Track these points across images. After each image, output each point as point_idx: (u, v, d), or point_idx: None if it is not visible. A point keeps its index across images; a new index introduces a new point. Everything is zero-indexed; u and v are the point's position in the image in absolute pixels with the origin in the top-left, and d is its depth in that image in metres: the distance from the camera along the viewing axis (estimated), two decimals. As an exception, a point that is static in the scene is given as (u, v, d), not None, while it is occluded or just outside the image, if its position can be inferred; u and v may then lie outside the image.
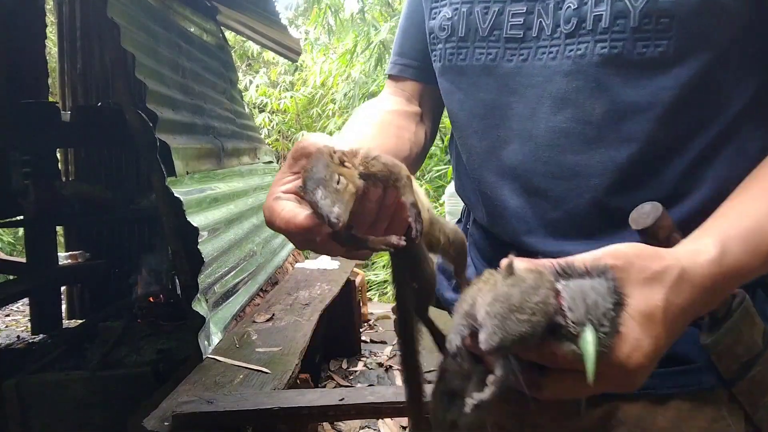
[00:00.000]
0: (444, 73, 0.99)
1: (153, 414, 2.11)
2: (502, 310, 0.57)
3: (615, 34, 0.79)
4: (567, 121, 0.84)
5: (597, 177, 0.83)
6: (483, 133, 0.94)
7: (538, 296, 0.57)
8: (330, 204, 0.64)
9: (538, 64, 0.86)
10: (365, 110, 1.11)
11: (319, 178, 0.66)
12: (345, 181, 0.66)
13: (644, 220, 0.72)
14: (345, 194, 0.66)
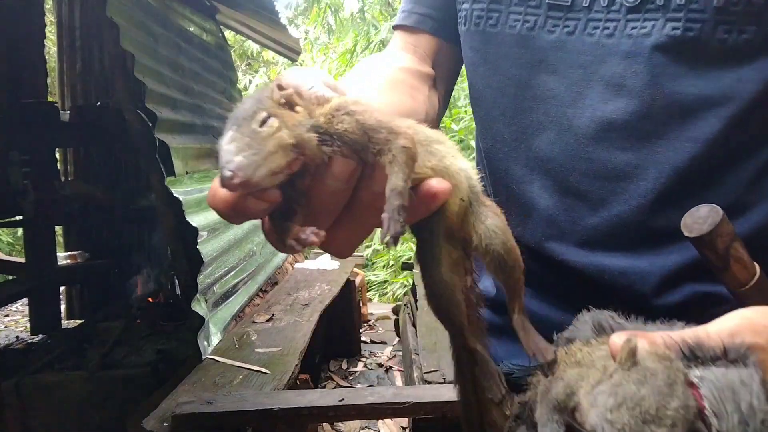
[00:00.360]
0: (469, 39, 0.83)
1: (152, 414, 2.10)
2: (633, 420, 0.43)
3: (692, 13, 0.66)
4: (618, 112, 0.70)
5: (649, 180, 0.70)
6: (512, 117, 0.79)
7: (676, 399, 0.43)
8: (233, 151, 0.46)
9: (589, 40, 0.72)
10: (370, 64, 0.92)
11: (237, 117, 0.49)
12: (276, 126, 0.48)
13: (700, 226, 0.59)
14: (268, 142, 0.47)
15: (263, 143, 0.47)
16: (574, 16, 0.73)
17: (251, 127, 0.47)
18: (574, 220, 0.75)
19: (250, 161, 0.46)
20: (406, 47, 0.94)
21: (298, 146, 0.48)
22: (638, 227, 0.71)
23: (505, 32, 0.78)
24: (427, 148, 0.56)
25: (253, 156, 0.46)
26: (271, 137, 0.47)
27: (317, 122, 0.50)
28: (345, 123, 0.49)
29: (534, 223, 0.78)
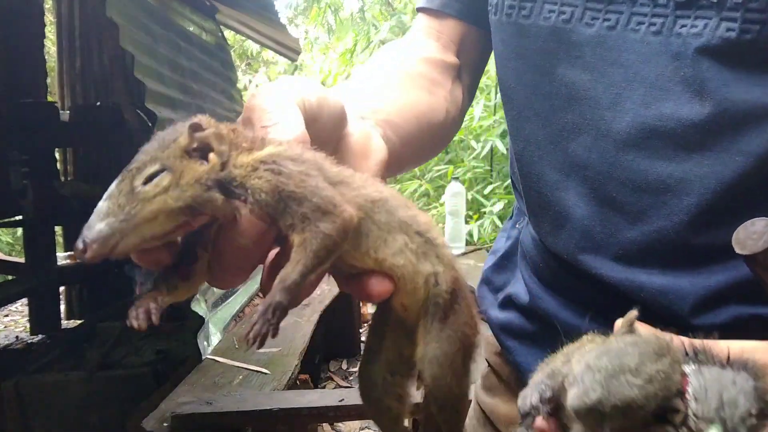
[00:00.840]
0: (500, 31, 0.77)
1: (152, 415, 2.10)
2: (611, 366, 0.45)
3: (751, 13, 0.59)
4: (663, 119, 0.64)
5: (693, 195, 0.63)
6: (546, 118, 0.73)
7: (660, 364, 0.45)
8: (100, 214, 0.41)
9: (632, 37, 0.65)
10: (389, 54, 0.86)
11: (127, 165, 0.43)
12: (164, 184, 0.42)
13: (754, 242, 0.53)
14: (145, 207, 0.41)
15: (139, 207, 0.41)
16: (616, 9, 0.66)
17: (132, 183, 0.42)
18: (610, 232, 0.69)
19: (112, 230, 0.40)
20: (429, 32, 0.87)
21: (193, 207, 0.42)
22: (679, 244, 0.65)
23: (538, 24, 0.71)
24: (387, 234, 0.47)
25: (120, 223, 0.40)
26: (150, 200, 0.41)
27: (229, 175, 0.43)
28: (262, 181, 0.42)
29: (568, 233, 0.72)
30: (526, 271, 0.83)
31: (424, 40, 0.87)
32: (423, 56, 0.83)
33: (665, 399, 0.44)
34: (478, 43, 0.88)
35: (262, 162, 0.43)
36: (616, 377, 0.44)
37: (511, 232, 0.95)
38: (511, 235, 0.94)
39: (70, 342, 3.84)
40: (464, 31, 0.87)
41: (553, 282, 0.78)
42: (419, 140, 0.78)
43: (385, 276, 0.47)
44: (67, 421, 3.19)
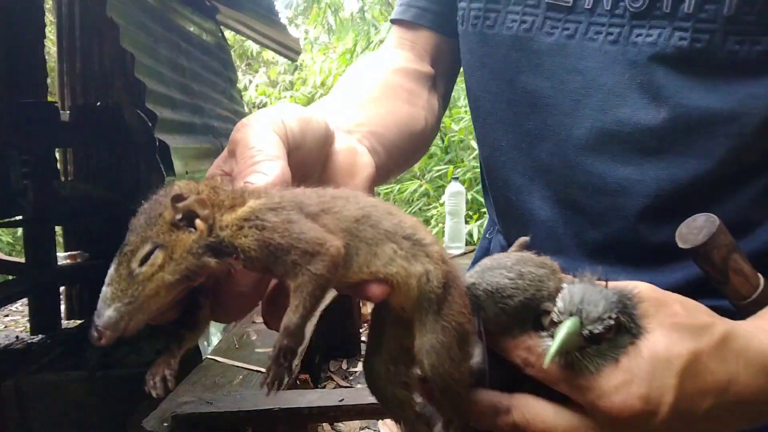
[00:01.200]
0: (467, 41, 0.79)
1: (152, 414, 2.10)
2: (491, 263, 0.53)
3: (701, 23, 0.62)
4: (620, 124, 0.66)
5: (649, 197, 0.66)
6: (510, 125, 0.75)
7: (535, 271, 0.52)
8: (107, 300, 0.44)
9: (591, 45, 0.68)
10: (364, 67, 0.88)
11: (120, 248, 0.45)
12: (159, 262, 0.43)
13: (694, 237, 0.57)
14: (145, 286, 0.43)
15: (140, 288, 0.43)
16: (575, 19, 0.68)
17: (130, 267, 0.44)
18: (573, 233, 0.72)
19: (120, 314, 0.43)
20: (402, 44, 0.90)
21: (190, 275, 0.44)
22: (638, 244, 0.68)
23: (502, 33, 0.73)
24: (376, 247, 0.49)
25: (127, 306, 0.43)
26: (149, 280, 0.43)
27: (217, 238, 0.45)
28: (249, 239, 0.44)
29: (533, 235, 0.74)
30: None
31: (399, 52, 0.89)
32: (399, 67, 0.85)
33: (536, 298, 0.51)
34: (451, 53, 0.90)
35: (245, 220, 0.45)
36: (492, 270, 0.52)
37: (483, 242, 0.98)
38: (483, 245, 0.97)
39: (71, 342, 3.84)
40: (437, 41, 0.89)
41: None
42: (402, 150, 0.80)
43: (381, 281, 0.49)
44: (67, 421, 3.19)
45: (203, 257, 0.44)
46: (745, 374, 0.51)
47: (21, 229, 5.23)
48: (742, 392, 0.51)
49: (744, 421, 0.54)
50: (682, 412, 0.49)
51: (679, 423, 0.49)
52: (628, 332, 0.51)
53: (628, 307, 0.51)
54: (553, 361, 0.49)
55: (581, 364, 0.50)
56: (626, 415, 0.48)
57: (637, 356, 0.49)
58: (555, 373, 0.50)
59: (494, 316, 0.52)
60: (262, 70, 12.06)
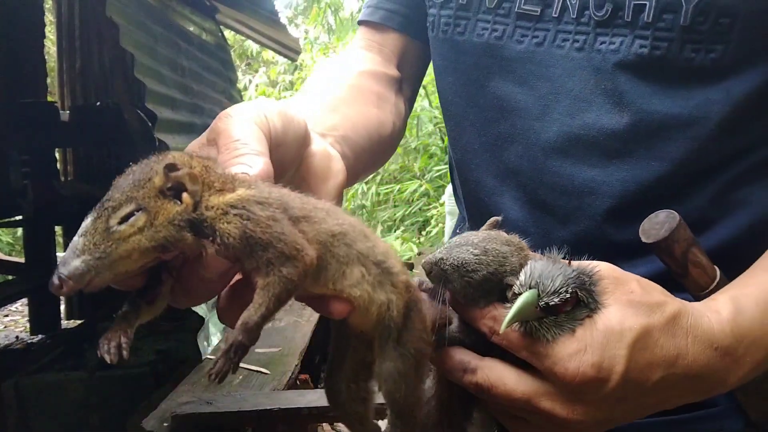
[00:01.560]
0: (438, 47, 0.81)
1: (152, 415, 2.10)
2: (458, 240, 0.57)
3: (659, 31, 0.65)
4: (586, 128, 0.69)
5: (614, 197, 0.69)
6: (481, 128, 0.77)
7: (499, 248, 0.56)
8: (76, 250, 0.42)
9: (558, 52, 0.70)
10: (334, 68, 0.89)
11: (102, 201, 0.45)
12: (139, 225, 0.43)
13: (657, 231, 0.60)
14: (119, 246, 0.42)
15: (114, 246, 0.42)
16: (544, 27, 0.71)
17: (108, 222, 0.43)
18: (543, 233, 0.74)
19: (87, 267, 0.42)
20: (370, 46, 0.91)
21: (165, 246, 0.44)
22: (604, 242, 0.71)
23: (472, 41, 0.76)
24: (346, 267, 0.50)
25: (96, 261, 0.42)
26: (125, 240, 0.42)
27: (200, 215, 0.45)
28: (231, 226, 0.44)
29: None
30: None
31: (367, 54, 0.89)
32: (368, 69, 0.86)
33: (499, 273, 0.56)
34: (418, 57, 0.92)
35: (231, 206, 0.45)
36: (459, 246, 0.56)
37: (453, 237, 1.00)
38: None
39: (70, 342, 3.83)
40: (405, 44, 0.90)
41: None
42: (370, 154, 0.82)
43: (344, 300, 0.51)
44: (67, 421, 3.19)
45: (182, 231, 0.44)
46: (693, 350, 0.55)
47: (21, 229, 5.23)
48: (690, 366, 0.55)
49: (693, 394, 0.58)
50: (632, 381, 0.53)
51: (630, 392, 0.53)
52: (586, 306, 0.55)
53: (586, 284, 0.55)
54: (509, 327, 0.54)
55: (539, 333, 0.54)
56: (579, 380, 0.52)
57: (591, 328, 0.53)
58: (515, 340, 0.54)
59: (461, 289, 0.56)
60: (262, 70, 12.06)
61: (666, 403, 0.57)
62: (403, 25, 0.89)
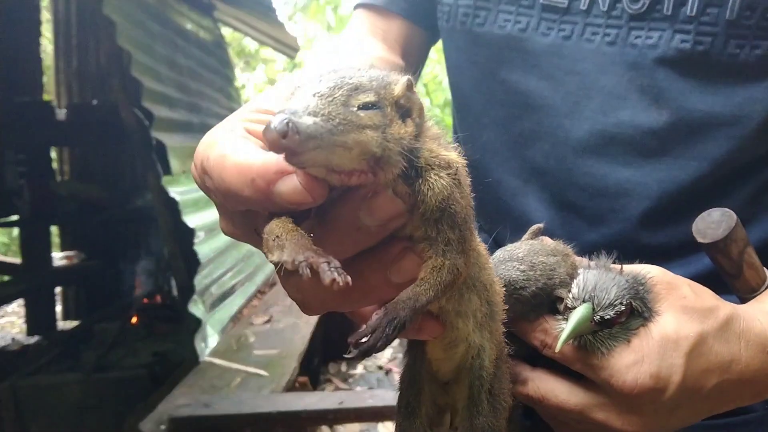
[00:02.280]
0: (454, 38, 0.77)
1: (149, 417, 2.08)
2: (503, 255, 0.56)
3: (703, 26, 0.62)
4: (621, 126, 0.66)
5: (651, 199, 0.67)
6: (503, 126, 0.74)
7: (546, 260, 0.55)
8: (309, 106, 0.35)
9: (588, 47, 0.67)
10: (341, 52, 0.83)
11: (342, 76, 0.37)
12: (375, 122, 0.37)
13: (714, 231, 0.58)
14: (351, 132, 0.35)
15: (348, 127, 0.35)
16: (571, 20, 0.68)
17: (349, 99, 0.36)
18: (570, 235, 0.71)
19: (319, 133, 0.34)
20: (374, 32, 0.87)
21: (378, 163, 0.37)
22: (637, 244, 0.69)
23: (494, 32, 0.73)
24: (465, 290, 0.46)
25: (327, 132, 0.34)
26: (360, 130, 0.35)
27: (419, 151, 0.38)
28: (441, 182, 0.38)
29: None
30: None
31: (370, 40, 0.85)
32: (377, 56, 0.82)
33: (549, 286, 0.54)
34: (421, 45, 0.88)
35: (448, 164, 0.40)
36: (504, 263, 0.55)
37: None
38: None
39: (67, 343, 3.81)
40: (409, 31, 0.87)
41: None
42: None
43: (438, 321, 0.46)
44: (64, 424, 3.17)
45: (401, 156, 0.37)
46: (746, 354, 0.54)
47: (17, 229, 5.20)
48: (743, 371, 0.54)
49: (745, 398, 0.57)
50: (688, 389, 0.52)
51: (685, 399, 0.52)
52: (640, 315, 0.54)
53: (640, 292, 0.54)
54: (566, 344, 0.52)
55: (594, 346, 0.52)
56: (637, 392, 0.51)
57: (647, 337, 0.52)
58: (569, 353, 0.53)
59: (510, 306, 0.54)
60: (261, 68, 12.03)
61: (719, 408, 0.56)
62: (408, 11, 0.86)
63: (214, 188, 0.40)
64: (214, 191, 0.41)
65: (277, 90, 0.49)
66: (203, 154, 0.42)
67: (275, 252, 0.37)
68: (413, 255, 0.41)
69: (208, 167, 0.40)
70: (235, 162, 0.38)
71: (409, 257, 0.41)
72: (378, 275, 0.42)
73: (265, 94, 0.49)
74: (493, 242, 0.80)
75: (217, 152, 0.40)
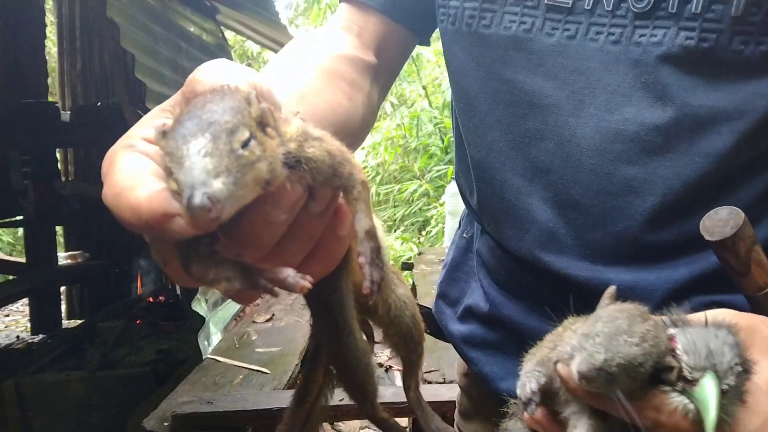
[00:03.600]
0: (460, 40, 0.77)
1: (152, 414, 2.10)
2: (608, 329, 0.49)
3: (708, 22, 0.62)
4: (626, 123, 0.66)
5: (656, 196, 0.66)
6: (508, 125, 0.74)
7: (648, 325, 0.49)
8: (209, 170, 0.36)
9: (592, 46, 0.68)
10: (306, 46, 0.82)
11: (211, 122, 0.38)
12: (257, 153, 0.38)
13: (721, 229, 0.57)
14: (247, 173, 0.37)
15: (243, 171, 0.37)
16: (575, 20, 0.68)
17: (232, 145, 0.37)
18: (575, 234, 0.71)
19: (229, 192, 0.36)
20: (350, 27, 0.85)
21: (269, 182, 0.39)
22: (644, 242, 0.68)
23: (499, 33, 0.73)
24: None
25: (232, 186, 0.36)
26: (251, 167, 0.37)
27: (288, 149, 0.42)
28: (316, 150, 0.43)
29: (533, 237, 0.74)
30: (485, 279, 0.84)
31: (346, 36, 0.84)
32: (344, 54, 0.81)
33: (659, 356, 0.48)
34: (399, 43, 0.87)
35: (304, 134, 0.43)
36: (615, 338, 0.48)
37: (459, 242, 0.95)
38: (459, 245, 0.95)
39: (71, 342, 3.84)
40: (387, 29, 0.85)
41: (515, 287, 0.79)
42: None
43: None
44: (68, 421, 3.19)
45: (281, 164, 0.40)
46: None
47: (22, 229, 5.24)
48: None
49: None
50: None
51: None
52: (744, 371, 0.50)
53: (741, 346, 0.50)
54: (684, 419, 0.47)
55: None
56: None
57: (758, 393, 0.50)
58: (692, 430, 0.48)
59: (626, 387, 0.48)
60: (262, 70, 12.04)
61: None
62: (386, 7, 0.84)
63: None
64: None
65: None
66: (102, 174, 0.43)
67: (222, 283, 0.40)
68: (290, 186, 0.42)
69: (108, 200, 0.41)
70: (127, 203, 0.39)
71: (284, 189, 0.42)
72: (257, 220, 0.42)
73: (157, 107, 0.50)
74: (497, 243, 0.81)
75: (114, 184, 0.41)
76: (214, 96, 0.40)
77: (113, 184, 0.41)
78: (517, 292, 0.79)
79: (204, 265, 0.40)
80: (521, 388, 0.53)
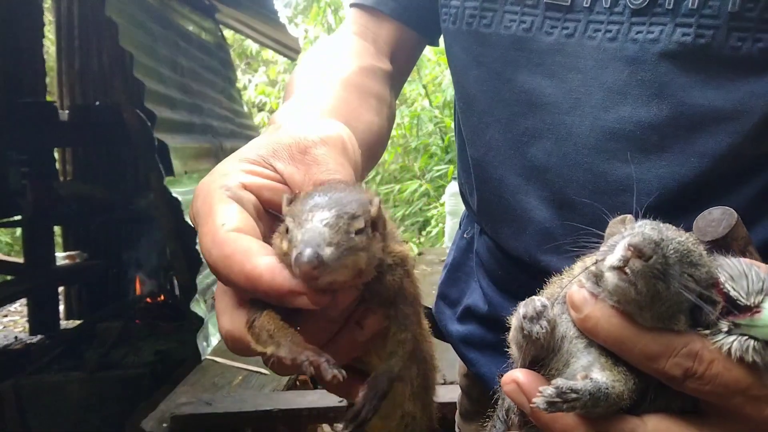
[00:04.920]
0: (460, 40, 0.77)
1: (151, 415, 2.09)
2: (653, 225, 0.47)
3: (705, 18, 0.62)
4: (622, 122, 0.66)
5: (651, 195, 0.65)
6: (506, 124, 0.74)
7: (693, 241, 0.47)
8: (326, 238, 0.42)
9: (590, 44, 0.67)
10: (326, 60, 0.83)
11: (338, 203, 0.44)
12: (364, 243, 0.44)
13: (714, 229, 0.56)
14: (350, 255, 0.43)
15: (349, 252, 0.42)
16: (574, 18, 0.68)
17: (350, 227, 0.43)
18: (571, 233, 0.68)
19: (334, 260, 0.41)
20: (363, 33, 0.86)
21: (359, 275, 0.44)
22: None
23: (500, 33, 0.73)
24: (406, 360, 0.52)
25: (338, 258, 0.42)
26: (356, 252, 0.43)
27: (384, 261, 0.47)
28: (395, 277, 0.48)
29: (529, 236, 0.74)
30: (484, 280, 0.84)
31: (357, 43, 0.85)
32: (365, 66, 0.82)
33: (707, 282, 0.45)
34: (410, 47, 0.88)
35: (402, 261, 0.48)
36: (664, 229, 0.45)
37: (460, 242, 0.95)
38: (460, 246, 0.95)
39: (70, 342, 3.83)
40: (399, 34, 0.87)
41: (513, 288, 0.79)
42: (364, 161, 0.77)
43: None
44: (66, 422, 3.19)
45: (374, 268, 0.46)
46: None
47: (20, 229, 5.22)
48: None
49: None
50: None
51: None
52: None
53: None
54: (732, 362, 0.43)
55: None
56: None
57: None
58: (742, 376, 0.43)
59: (665, 295, 0.44)
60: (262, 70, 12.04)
61: None
62: (397, 11, 0.85)
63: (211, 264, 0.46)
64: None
65: (258, 140, 0.53)
66: (196, 210, 0.47)
67: (269, 346, 0.45)
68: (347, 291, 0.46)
69: (209, 251, 0.45)
70: (241, 270, 0.44)
71: (371, 317, 0.48)
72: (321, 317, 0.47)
73: (251, 145, 0.53)
74: (495, 244, 0.81)
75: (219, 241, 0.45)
76: (346, 186, 0.47)
77: (218, 241, 0.45)
78: (514, 293, 0.78)
79: (266, 326, 0.45)
80: (525, 306, 0.49)
